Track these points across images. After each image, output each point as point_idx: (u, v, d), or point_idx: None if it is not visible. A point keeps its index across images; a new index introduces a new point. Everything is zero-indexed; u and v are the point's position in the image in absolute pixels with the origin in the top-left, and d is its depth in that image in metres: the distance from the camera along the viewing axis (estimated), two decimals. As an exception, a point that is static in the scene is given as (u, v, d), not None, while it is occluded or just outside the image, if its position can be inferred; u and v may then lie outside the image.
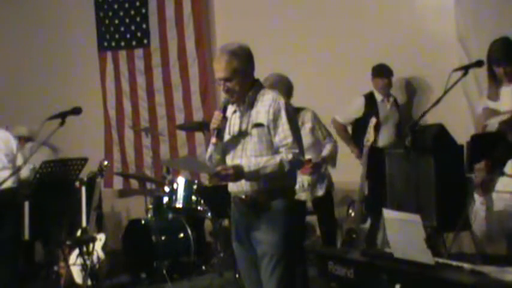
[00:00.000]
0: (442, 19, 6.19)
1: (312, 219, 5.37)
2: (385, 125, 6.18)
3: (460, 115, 6.11)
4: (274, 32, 7.03)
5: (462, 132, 5.77)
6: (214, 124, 3.60)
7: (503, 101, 4.57)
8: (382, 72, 6.23)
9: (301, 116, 5.04)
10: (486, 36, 5.12)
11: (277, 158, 3.53)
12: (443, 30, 6.15)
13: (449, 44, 6.02)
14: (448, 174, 4.81)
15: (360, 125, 6.03)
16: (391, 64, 6.26)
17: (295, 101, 5.02)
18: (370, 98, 6.26)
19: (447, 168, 4.85)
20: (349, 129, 6.41)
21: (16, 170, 5.16)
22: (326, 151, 5.14)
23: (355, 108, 6.27)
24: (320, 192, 5.16)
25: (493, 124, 4.51)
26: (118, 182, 8.03)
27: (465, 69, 4.36)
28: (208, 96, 7.47)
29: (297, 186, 3.91)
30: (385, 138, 6.15)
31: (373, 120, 5.77)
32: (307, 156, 4.90)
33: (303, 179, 5.00)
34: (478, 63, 4.48)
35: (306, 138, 4.93)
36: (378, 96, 6.27)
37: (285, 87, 4.82)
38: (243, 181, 3.58)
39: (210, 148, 3.76)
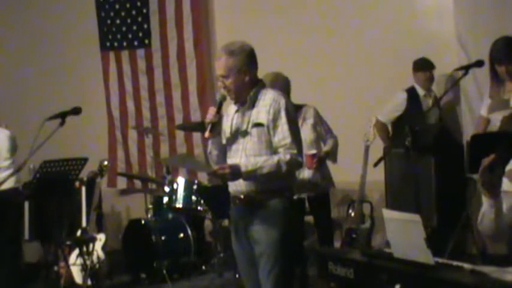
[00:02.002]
0: (442, 19, 6.19)
1: (312, 219, 5.36)
2: (428, 120, 5.83)
3: (460, 115, 6.12)
4: (274, 32, 7.03)
5: (462, 132, 5.79)
6: (207, 119, 3.64)
7: None
8: (425, 65, 5.97)
9: (303, 112, 5.04)
10: (486, 36, 5.13)
11: (275, 159, 3.54)
12: (443, 30, 6.15)
13: (449, 44, 6.02)
14: (448, 174, 4.82)
15: (402, 124, 5.59)
16: (390, 64, 6.26)
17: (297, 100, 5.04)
18: (412, 93, 5.97)
19: (447, 168, 4.86)
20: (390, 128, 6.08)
21: (16, 170, 5.17)
22: (328, 146, 5.12)
23: (397, 104, 5.96)
24: (325, 189, 5.15)
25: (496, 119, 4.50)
26: (121, 182, 8.02)
27: (465, 69, 4.37)
28: (205, 96, 7.46)
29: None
30: None
31: (373, 119, 5.77)
32: (312, 151, 4.93)
33: (304, 175, 5.00)
34: (478, 63, 4.49)
35: (309, 134, 5.00)
36: (420, 91, 5.97)
37: (282, 86, 4.79)
38: (241, 181, 3.59)
39: (209, 144, 3.79)
